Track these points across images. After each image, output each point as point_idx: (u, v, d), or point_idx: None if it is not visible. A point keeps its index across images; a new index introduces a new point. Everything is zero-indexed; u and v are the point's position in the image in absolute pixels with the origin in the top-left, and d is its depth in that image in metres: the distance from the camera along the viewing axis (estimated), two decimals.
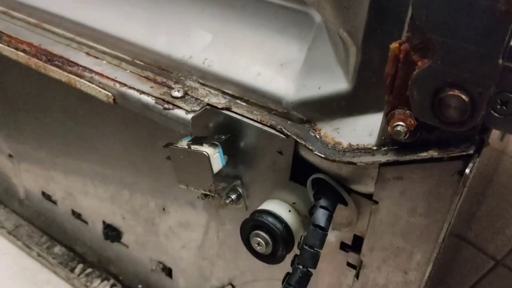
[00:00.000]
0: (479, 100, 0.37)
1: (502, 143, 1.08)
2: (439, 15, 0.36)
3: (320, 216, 0.51)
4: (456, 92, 0.38)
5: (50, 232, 1.01)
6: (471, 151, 0.40)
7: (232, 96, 0.57)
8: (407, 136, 0.42)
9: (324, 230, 0.50)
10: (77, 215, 0.92)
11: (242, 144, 0.57)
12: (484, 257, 1.13)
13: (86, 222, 0.91)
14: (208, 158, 0.55)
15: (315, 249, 0.50)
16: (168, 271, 0.82)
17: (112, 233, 0.86)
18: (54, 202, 0.94)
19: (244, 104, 0.56)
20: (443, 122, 0.39)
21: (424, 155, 0.42)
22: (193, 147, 0.56)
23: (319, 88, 0.51)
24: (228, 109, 0.56)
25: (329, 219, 0.51)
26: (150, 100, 0.57)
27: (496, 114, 0.40)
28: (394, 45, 0.40)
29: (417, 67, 0.39)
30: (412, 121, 0.41)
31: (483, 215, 1.21)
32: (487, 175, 1.10)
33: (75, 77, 0.61)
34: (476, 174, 0.44)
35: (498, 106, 0.39)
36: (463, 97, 0.38)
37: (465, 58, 0.37)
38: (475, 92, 0.37)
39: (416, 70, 0.39)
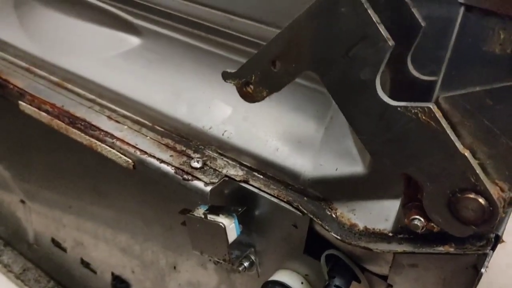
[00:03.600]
0: (483, 187, 0.38)
1: None
2: (396, 155, 0.41)
3: None
4: (465, 195, 0.39)
5: (57, 278, 1.01)
6: (487, 251, 0.41)
7: (250, 168, 0.58)
8: (424, 230, 0.43)
9: None
10: (86, 264, 0.92)
11: (257, 215, 0.58)
12: None
13: (94, 272, 0.91)
14: (224, 229, 0.56)
15: None
16: None
17: (120, 285, 0.86)
18: (64, 249, 0.95)
19: (262, 177, 0.57)
20: (472, 225, 0.40)
21: (440, 249, 0.43)
22: (210, 216, 0.57)
23: (336, 169, 0.52)
24: (246, 181, 0.57)
25: None
26: (169, 169, 0.58)
27: None
28: None
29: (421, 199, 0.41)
30: None
31: None
32: None
33: (96, 141, 0.62)
34: None
35: None
36: (473, 196, 0.39)
37: (439, 169, 0.39)
38: (472, 184, 0.39)
39: (423, 203, 0.41)
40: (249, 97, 0.47)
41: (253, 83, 0.46)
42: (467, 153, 0.38)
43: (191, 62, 0.64)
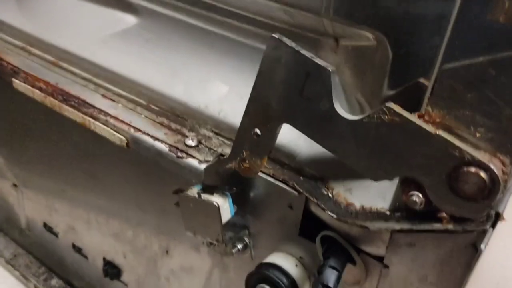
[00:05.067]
0: (469, 156, 0.38)
1: None
2: (384, 164, 0.42)
3: (329, 275, 0.51)
4: (460, 171, 0.38)
5: (48, 264, 1.00)
6: (487, 227, 0.40)
7: None
8: (422, 206, 0.42)
9: None
10: (77, 249, 0.91)
11: (252, 196, 0.57)
12: None
13: (86, 257, 0.90)
14: (218, 208, 0.55)
15: None
16: None
17: (112, 270, 0.85)
18: (55, 235, 0.94)
19: None
20: (480, 199, 0.39)
21: (438, 226, 0.42)
22: (204, 196, 0.56)
23: None
24: None
25: (338, 279, 0.51)
26: (163, 147, 0.57)
27: None
28: None
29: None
30: None
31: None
32: None
33: (90, 118, 0.61)
34: None
35: None
36: (467, 170, 0.38)
37: (426, 159, 0.40)
38: (460, 158, 0.38)
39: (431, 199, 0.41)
40: (249, 171, 0.51)
41: (247, 157, 0.50)
42: (439, 132, 0.39)
43: (188, 41, 0.63)
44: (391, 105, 0.40)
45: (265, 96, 0.45)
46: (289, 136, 0.55)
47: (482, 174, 0.37)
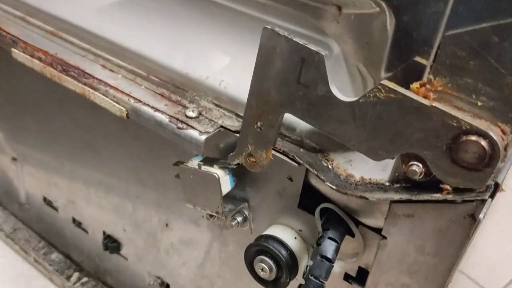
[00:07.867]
0: (467, 125, 0.38)
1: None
2: (385, 143, 0.38)
3: (328, 247, 0.51)
4: (459, 141, 0.38)
5: (48, 238, 1.00)
6: (486, 197, 0.40)
7: None
8: (421, 176, 0.42)
9: (331, 261, 0.50)
10: (77, 223, 0.91)
11: None
12: None
13: (86, 231, 0.90)
14: (218, 179, 0.55)
15: (321, 280, 0.50)
16: (166, 287, 0.82)
17: (111, 244, 0.85)
18: (55, 209, 0.94)
19: None
20: (481, 166, 0.39)
21: (438, 196, 0.42)
22: (204, 167, 0.56)
23: None
24: None
25: (337, 250, 0.51)
26: (164, 118, 0.57)
27: None
28: (414, 85, 0.40)
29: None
30: None
31: (481, 247, 1.21)
32: None
33: (89, 89, 0.61)
34: None
35: None
36: (466, 139, 0.38)
37: (425, 133, 0.40)
38: (458, 128, 0.38)
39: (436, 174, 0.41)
40: (256, 166, 0.52)
41: (253, 152, 0.51)
42: (435, 104, 0.38)
43: (189, 11, 0.62)
44: (385, 82, 0.40)
45: (264, 87, 0.46)
46: None
47: (481, 141, 0.37)
